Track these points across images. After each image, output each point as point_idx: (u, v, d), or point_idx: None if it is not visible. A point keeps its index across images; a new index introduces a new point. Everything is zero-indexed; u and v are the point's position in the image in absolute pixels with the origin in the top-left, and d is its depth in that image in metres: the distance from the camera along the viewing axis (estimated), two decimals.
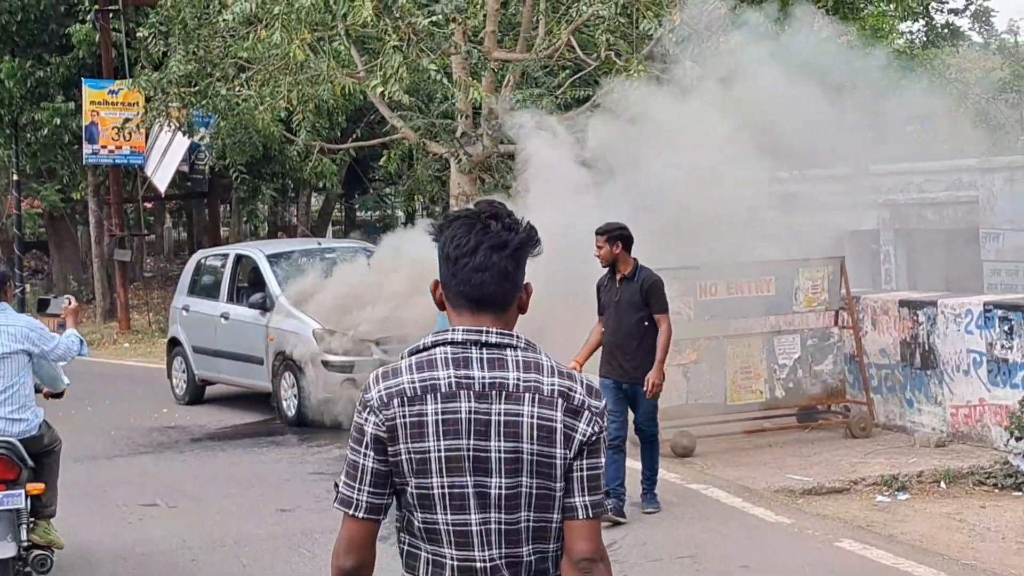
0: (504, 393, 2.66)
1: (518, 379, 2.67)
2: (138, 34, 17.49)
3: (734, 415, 10.72)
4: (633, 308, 8.12)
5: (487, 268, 2.68)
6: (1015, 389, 9.58)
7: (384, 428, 2.66)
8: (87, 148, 22.26)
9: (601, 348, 8.28)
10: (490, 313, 2.72)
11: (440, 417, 2.64)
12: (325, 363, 12.20)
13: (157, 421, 13.36)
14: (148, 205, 29.05)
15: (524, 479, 2.65)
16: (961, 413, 10.15)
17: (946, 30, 18.97)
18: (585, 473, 2.69)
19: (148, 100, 19.12)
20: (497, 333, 2.71)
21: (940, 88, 15.59)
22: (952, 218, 21.91)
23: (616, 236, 8.12)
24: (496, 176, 19.00)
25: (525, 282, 2.77)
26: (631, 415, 8.35)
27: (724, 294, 10.62)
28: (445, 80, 13.15)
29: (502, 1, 14.83)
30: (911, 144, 17.87)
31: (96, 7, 22.09)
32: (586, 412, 2.68)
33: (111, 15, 22.09)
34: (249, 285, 13.83)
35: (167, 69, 16.02)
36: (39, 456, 6.81)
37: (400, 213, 46.53)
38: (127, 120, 19.56)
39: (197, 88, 16.14)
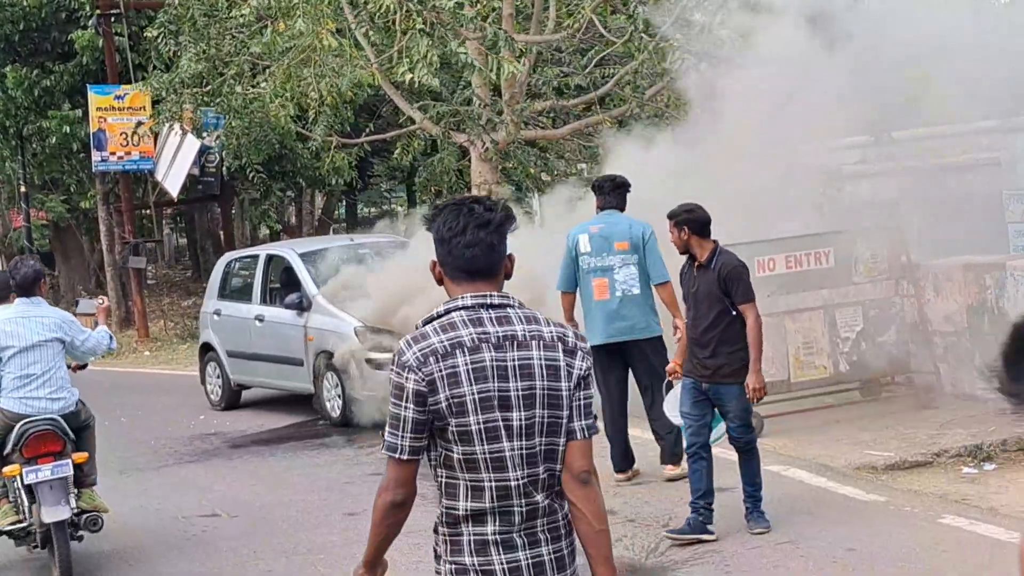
0: (516, 342, 3.21)
1: (524, 331, 3.23)
2: (146, 34, 17.11)
3: (798, 392, 10.42)
4: (711, 299, 7.28)
5: (476, 244, 3.22)
6: None
7: (424, 383, 3.16)
8: (96, 156, 21.91)
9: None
10: (483, 280, 3.26)
11: (470, 367, 3.17)
12: (369, 361, 11.87)
13: (196, 428, 13.06)
14: (168, 210, 28.70)
15: (538, 411, 3.19)
16: None
17: None
18: (582, 402, 3.26)
19: (155, 103, 18.83)
20: (498, 296, 3.27)
21: None
22: (973, 182, 21.59)
23: (682, 221, 7.36)
24: (516, 163, 18.72)
25: (509, 253, 3.31)
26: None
27: (782, 268, 10.30)
28: (475, 62, 12.80)
29: None
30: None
31: (97, 12, 21.71)
32: (579, 352, 3.27)
33: (113, 19, 21.71)
34: (282, 286, 13.49)
35: (178, 69, 15.70)
36: (78, 431, 7.59)
37: (399, 208, 46.26)
38: (140, 124, 19.23)
39: (209, 88, 15.83)
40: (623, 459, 8.86)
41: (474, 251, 3.22)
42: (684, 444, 7.72)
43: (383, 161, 25.52)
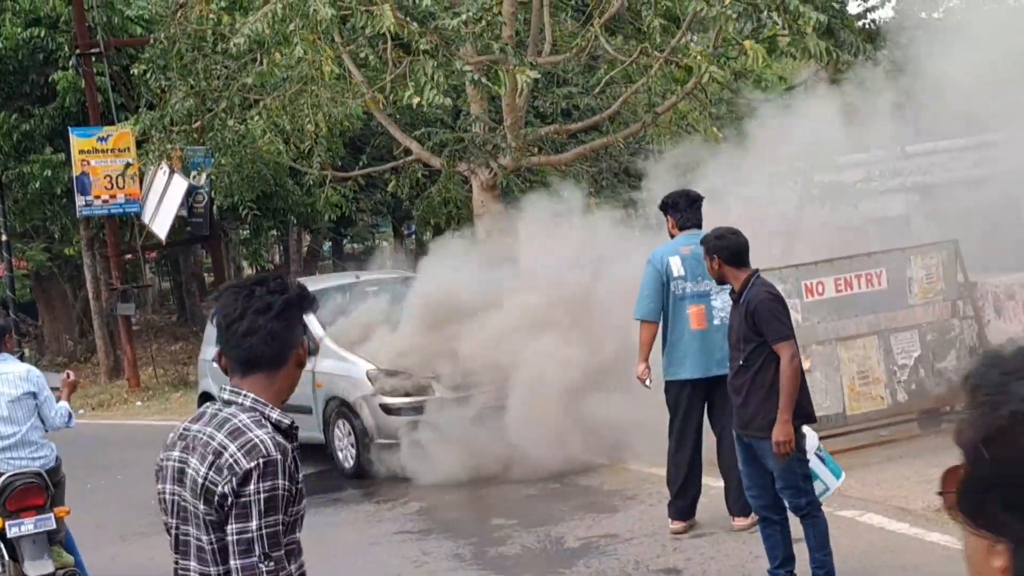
0: (185, 443, 2.95)
1: (199, 431, 2.94)
2: (133, 71, 16.34)
3: (854, 425, 9.64)
4: (742, 338, 6.37)
5: (255, 332, 2.91)
6: None
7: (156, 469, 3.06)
8: (79, 200, 21.02)
9: None
10: (262, 372, 2.96)
11: (160, 464, 3.03)
12: (383, 406, 11.05)
13: None
14: (151, 253, 27.85)
15: (184, 526, 2.94)
16: None
17: None
18: (234, 536, 2.84)
19: (140, 144, 18.05)
20: (230, 390, 2.97)
21: None
22: (988, 194, 20.95)
23: (712, 248, 6.51)
24: (518, 191, 17.99)
25: (302, 339, 3.01)
26: None
27: (832, 292, 9.54)
28: (482, 79, 12.05)
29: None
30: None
31: (76, 52, 20.91)
32: (226, 471, 2.83)
33: (93, 59, 20.90)
34: None
35: (168, 106, 14.94)
36: (56, 485, 7.46)
37: (385, 243, 45.56)
38: (128, 165, 18.42)
39: (199, 124, 15.08)
40: (692, 505, 8.07)
41: (251, 340, 2.93)
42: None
43: (368, 196, 24.91)
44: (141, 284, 25.34)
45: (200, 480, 2.87)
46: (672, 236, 8.10)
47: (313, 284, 13.98)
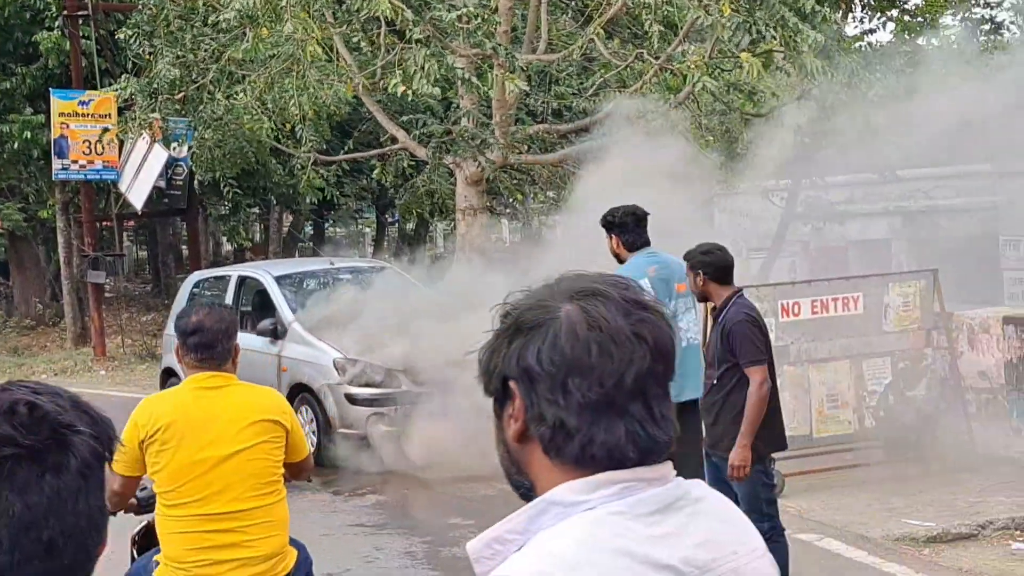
0: None
1: None
2: (119, 35, 16.11)
3: (819, 447, 9.57)
4: (718, 358, 6.28)
5: None
6: None
7: None
8: (56, 163, 20.76)
9: None
10: None
11: None
12: (348, 396, 10.92)
13: None
14: (129, 222, 27.59)
15: None
16: None
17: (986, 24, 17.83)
18: None
19: (122, 111, 17.82)
20: None
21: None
22: (968, 225, 21.00)
23: (696, 264, 6.39)
24: (504, 187, 17.89)
25: None
26: None
27: (808, 313, 9.46)
28: (472, 77, 11.92)
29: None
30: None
31: (64, 13, 20.65)
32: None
33: (80, 21, 20.65)
34: (255, 310, 12.51)
35: (154, 73, 14.73)
36: None
37: (368, 230, 45.29)
38: (106, 130, 18.18)
39: (184, 94, 14.89)
40: None
41: None
42: None
43: (353, 181, 24.75)
44: (115, 252, 25.07)
45: None
46: (618, 256, 7.61)
47: (286, 267, 13.90)
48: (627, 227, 7.57)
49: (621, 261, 7.63)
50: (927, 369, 9.83)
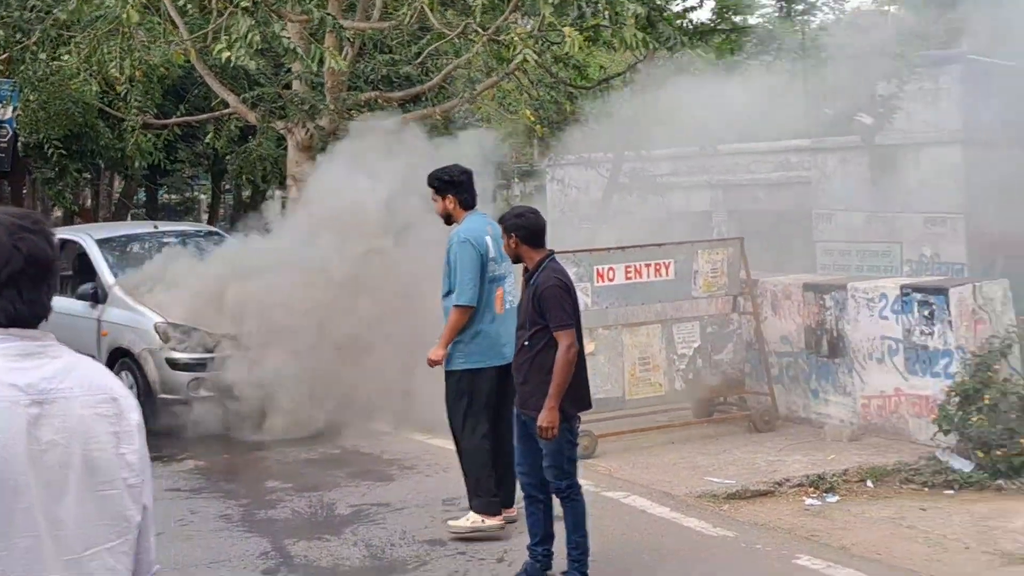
0: None
1: None
2: None
3: (632, 410, 9.92)
4: (527, 318, 6.43)
5: None
6: (935, 378, 9.03)
7: None
8: None
9: None
10: None
11: None
12: (170, 361, 10.85)
13: None
14: None
15: None
16: (874, 404, 9.58)
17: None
18: None
19: None
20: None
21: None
22: (784, 199, 21.79)
23: (510, 227, 6.56)
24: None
25: None
26: None
27: (622, 278, 9.77)
28: (297, 48, 11.88)
29: None
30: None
31: None
32: None
33: None
34: (75, 273, 12.27)
35: None
36: None
37: (203, 196, 44.43)
38: None
39: (8, 55, 14.46)
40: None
41: None
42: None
43: (188, 147, 24.27)
44: None
45: None
46: (448, 216, 7.63)
47: (108, 230, 13.66)
48: (463, 185, 7.66)
49: (450, 221, 7.70)
50: (733, 333, 10.26)
